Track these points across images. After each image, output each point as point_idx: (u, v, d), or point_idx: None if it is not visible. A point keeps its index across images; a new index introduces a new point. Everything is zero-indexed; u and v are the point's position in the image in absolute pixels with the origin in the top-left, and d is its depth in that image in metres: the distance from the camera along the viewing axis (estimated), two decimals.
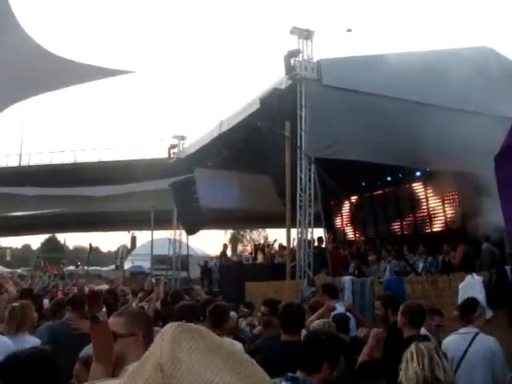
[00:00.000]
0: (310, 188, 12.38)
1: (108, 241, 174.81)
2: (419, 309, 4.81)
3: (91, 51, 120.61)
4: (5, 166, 40.69)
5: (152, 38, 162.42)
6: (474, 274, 8.16)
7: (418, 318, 4.63)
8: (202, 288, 15.26)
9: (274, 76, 13.94)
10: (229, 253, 22.79)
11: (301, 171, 12.45)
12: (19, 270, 53.27)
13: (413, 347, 3.29)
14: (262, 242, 46.38)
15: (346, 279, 10.46)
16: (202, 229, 21.08)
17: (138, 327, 2.79)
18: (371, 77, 12.22)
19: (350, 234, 20.68)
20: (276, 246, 17.91)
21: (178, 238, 21.99)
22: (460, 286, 8.02)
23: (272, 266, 15.84)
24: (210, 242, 73.93)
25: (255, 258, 18.53)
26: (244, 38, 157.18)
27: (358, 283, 10.15)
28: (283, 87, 13.21)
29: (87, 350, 3.19)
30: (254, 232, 62.56)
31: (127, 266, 44.47)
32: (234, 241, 54.91)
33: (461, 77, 11.82)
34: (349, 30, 43.72)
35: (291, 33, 12.86)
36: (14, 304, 5.02)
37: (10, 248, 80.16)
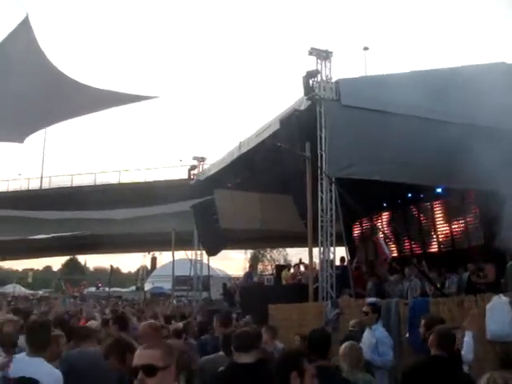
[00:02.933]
0: (331, 208, 12.34)
1: (128, 262, 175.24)
2: (449, 332, 4.86)
3: (115, 78, 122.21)
4: (26, 188, 41.24)
5: (173, 62, 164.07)
6: (501, 295, 8.02)
7: (448, 342, 4.69)
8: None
9: (293, 97, 13.94)
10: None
11: (321, 192, 12.43)
12: (40, 292, 53.74)
13: None
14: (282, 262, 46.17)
15: (370, 302, 10.29)
16: (222, 249, 21.05)
17: (171, 358, 2.81)
18: (390, 95, 12.20)
19: (372, 253, 20.47)
20: (302, 268, 17.46)
21: (198, 258, 21.99)
22: (487, 307, 7.87)
23: (294, 286, 15.71)
24: (231, 262, 73.84)
25: (278, 279, 18.34)
26: (263, 60, 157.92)
27: (382, 305, 9.97)
28: (302, 108, 13.22)
29: None
30: (275, 251, 62.47)
31: (148, 287, 44.51)
32: (255, 260, 54.78)
33: (482, 93, 11.75)
34: (366, 49, 44.13)
35: (310, 54, 12.89)
36: None
37: (32, 270, 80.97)
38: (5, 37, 7.35)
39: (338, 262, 13.66)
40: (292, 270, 18.14)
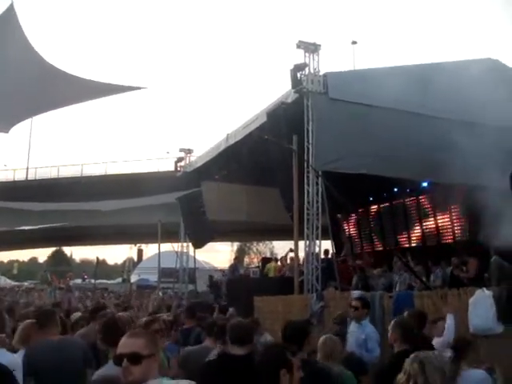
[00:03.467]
0: (317, 201, 12.37)
1: (114, 254, 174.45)
2: (410, 324, 4.88)
3: (102, 68, 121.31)
4: (12, 179, 40.94)
5: (159, 53, 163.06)
6: (485, 289, 8.09)
7: (409, 334, 4.72)
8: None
9: (280, 90, 13.90)
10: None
11: (308, 185, 12.46)
12: (26, 283, 53.43)
13: None
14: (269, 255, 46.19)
15: (355, 294, 10.34)
16: (209, 242, 21.03)
17: (155, 346, 2.86)
18: (377, 89, 12.20)
19: (358, 246, 20.58)
20: (288, 260, 17.36)
21: (185, 250, 21.96)
22: (470, 301, 7.94)
23: (280, 279, 15.73)
24: (217, 255, 73.92)
25: (263, 272, 18.29)
26: (251, 53, 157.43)
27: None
28: (289, 101, 13.22)
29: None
30: (261, 244, 62.61)
31: (134, 279, 44.45)
32: (241, 253, 54.86)
33: (468, 89, 11.81)
34: (354, 43, 44.19)
35: (298, 47, 12.86)
36: None
37: (17, 261, 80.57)
38: None
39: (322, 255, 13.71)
40: (279, 263, 18.11)
